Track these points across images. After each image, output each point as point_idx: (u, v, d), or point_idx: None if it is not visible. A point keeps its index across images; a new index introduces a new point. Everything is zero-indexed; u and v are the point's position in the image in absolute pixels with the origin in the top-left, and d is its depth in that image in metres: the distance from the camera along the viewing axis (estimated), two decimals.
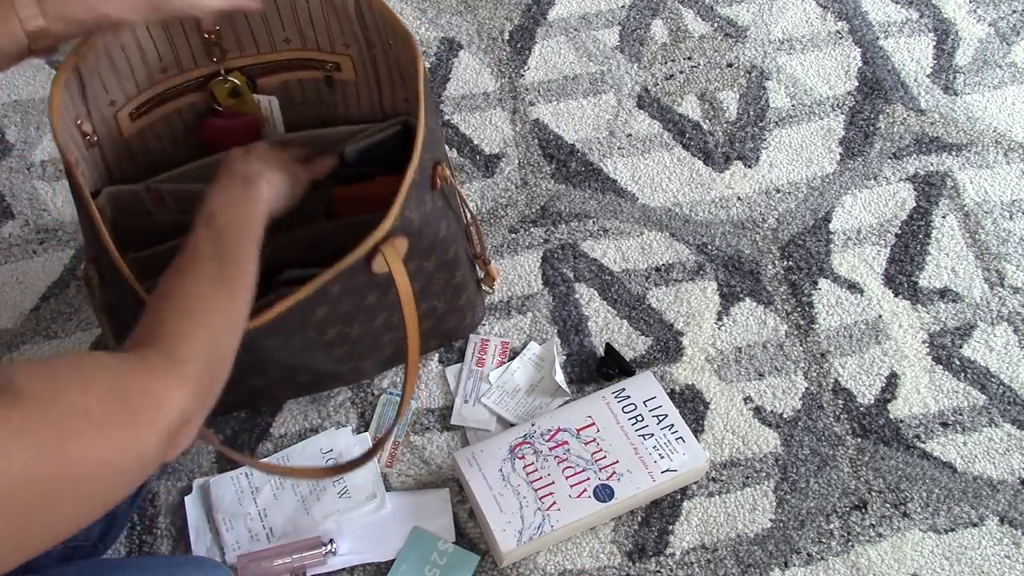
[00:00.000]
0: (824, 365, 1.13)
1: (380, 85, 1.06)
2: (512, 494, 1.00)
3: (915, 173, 1.28)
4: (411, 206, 0.87)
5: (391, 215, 0.84)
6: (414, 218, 0.88)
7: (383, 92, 1.07)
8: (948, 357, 1.13)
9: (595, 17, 1.44)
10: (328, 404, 1.10)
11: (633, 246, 1.22)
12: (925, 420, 1.09)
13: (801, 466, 1.06)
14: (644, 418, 1.05)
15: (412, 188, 0.86)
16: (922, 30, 1.43)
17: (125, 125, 1.00)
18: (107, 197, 0.98)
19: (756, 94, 1.36)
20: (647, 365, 1.13)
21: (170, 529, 1.02)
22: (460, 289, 1.03)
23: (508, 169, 1.29)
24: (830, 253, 1.21)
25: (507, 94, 1.36)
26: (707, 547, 1.01)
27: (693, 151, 1.30)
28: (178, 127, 1.05)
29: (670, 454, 1.02)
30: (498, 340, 1.12)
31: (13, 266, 1.20)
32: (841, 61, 1.39)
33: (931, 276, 1.20)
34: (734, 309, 1.17)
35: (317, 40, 1.02)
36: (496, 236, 1.23)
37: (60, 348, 1.13)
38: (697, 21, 1.44)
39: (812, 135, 1.32)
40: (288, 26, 1.00)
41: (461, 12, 1.45)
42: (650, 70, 1.39)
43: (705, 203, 1.26)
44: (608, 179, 1.28)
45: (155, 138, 1.04)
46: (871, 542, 1.02)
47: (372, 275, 0.87)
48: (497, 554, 0.98)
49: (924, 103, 1.35)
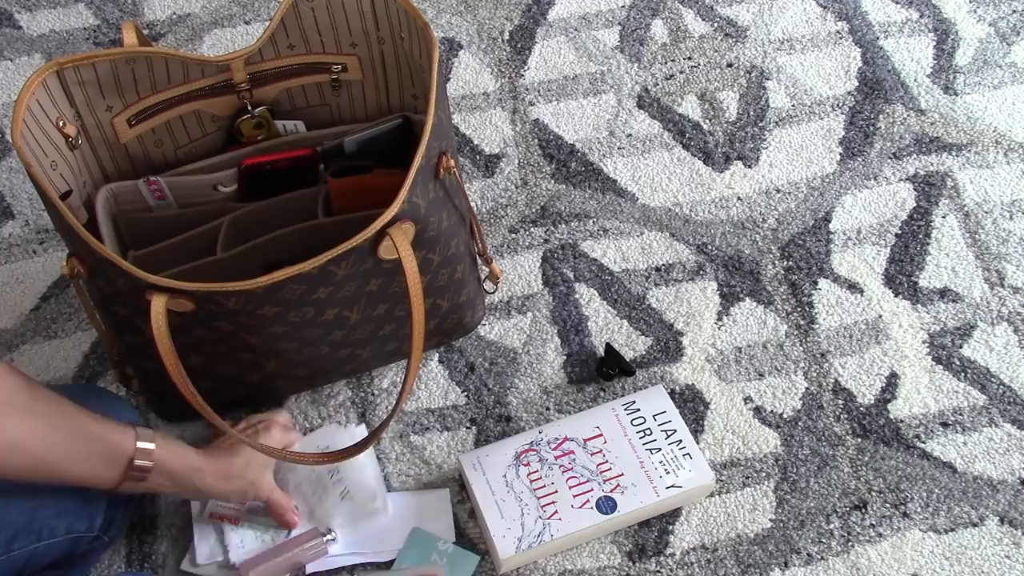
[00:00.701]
0: (824, 365, 1.13)
1: (387, 83, 1.06)
2: (514, 500, 0.99)
3: (915, 173, 1.28)
4: (417, 192, 0.87)
5: (399, 198, 0.84)
6: (421, 204, 0.88)
7: (390, 90, 1.07)
8: (948, 357, 1.13)
9: (595, 17, 1.44)
10: (328, 404, 1.10)
11: (633, 246, 1.22)
12: (925, 420, 1.09)
13: (801, 466, 1.06)
14: (652, 432, 1.04)
15: (419, 174, 0.86)
16: (922, 30, 1.43)
17: (122, 130, 1.00)
18: (106, 194, 0.98)
19: (756, 94, 1.36)
20: (647, 365, 1.13)
21: (170, 529, 1.01)
22: (461, 286, 1.03)
23: (508, 169, 1.29)
24: (830, 253, 1.22)
25: (507, 94, 1.36)
26: (707, 547, 1.01)
27: (693, 151, 1.30)
28: (181, 137, 1.05)
29: (676, 470, 1.02)
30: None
31: (13, 266, 1.20)
32: (841, 61, 1.39)
33: (931, 276, 1.20)
34: (734, 309, 1.17)
35: (323, 43, 1.02)
36: (496, 236, 1.23)
37: (60, 348, 1.13)
38: (697, 21, 1.44)
39: (812, 135, 1.32)
40: (292, 33, 1.00)
41: (461, 12, 1.45)
42: (650, 70, 1.39)
43: (705, 203, 1.26)
44: (608, 179, 1.28)
45: (155, 143, 1.03)
46: (871, 542, 1.02)
47: (378, 260, 0.87)
48: (496, 560, 0.98)
49: (924, 103, 1.35)
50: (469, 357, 1.13)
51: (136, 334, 0.92)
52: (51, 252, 1.21)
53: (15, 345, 1.14)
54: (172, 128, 1.03)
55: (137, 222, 1.01)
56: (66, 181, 0.94)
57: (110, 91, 0.96)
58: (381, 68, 1.05)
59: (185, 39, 1.41)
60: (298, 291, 0.85)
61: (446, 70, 1.39)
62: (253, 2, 1.46)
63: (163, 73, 0.97)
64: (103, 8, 1.45)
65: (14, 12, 1.44)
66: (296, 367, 1.01)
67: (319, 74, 1.05)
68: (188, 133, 1.05)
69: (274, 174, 1.02)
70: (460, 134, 1.32)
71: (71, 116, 0.94)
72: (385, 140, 1.03)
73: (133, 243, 1.01)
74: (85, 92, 0.94)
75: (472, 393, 1.11)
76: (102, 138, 0.99)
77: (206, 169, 1.03)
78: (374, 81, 1.06)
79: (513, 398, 1.11)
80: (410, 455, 1.07)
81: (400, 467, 1.06)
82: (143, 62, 0.95)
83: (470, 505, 1.03)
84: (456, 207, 0.97)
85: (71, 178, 0.95)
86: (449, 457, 1.07)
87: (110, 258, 0.81)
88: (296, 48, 1.01)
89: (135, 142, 1.02)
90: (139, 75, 0.96)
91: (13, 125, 0.84)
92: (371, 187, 0.99)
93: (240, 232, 0.99)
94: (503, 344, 1.14)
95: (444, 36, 1.42)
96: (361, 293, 0.92)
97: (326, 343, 0.98)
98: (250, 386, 1.03)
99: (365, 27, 1.00)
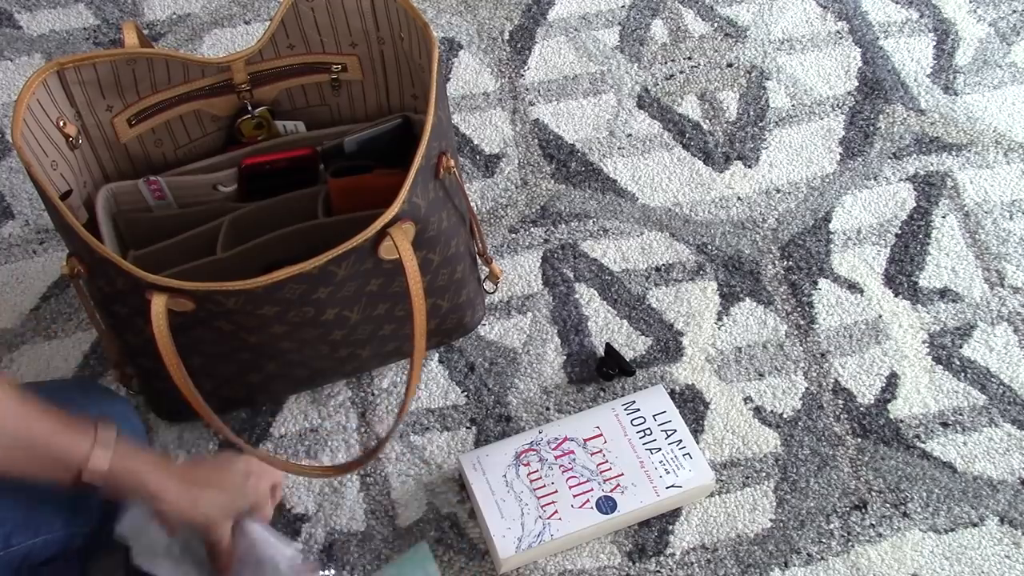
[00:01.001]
0: (824, 365, 1.13)
1: (387, 83, 1.06)
2: (514, 500, 0.99)
3: (915, 173, 1.28)
4: (417, 192, 0.87)
5: (399, 198, 0.84)
6: (421, 205, 0.88)
7: (390, 90, 1.07)
8: (948, 357, 1.13)
9: (595, 17, 1.44)
10: (328, 404, 1.10)
11: (633, 246, 1.22)
12: (925, 420, 1.09)
13: (801, 466, 1.06)
14: (652, 432, 1.04)
15: (419, 174, 0.86)
16: (922, 30, 1.43)
17: (123, 130, 1.00)
18: (106, 194, 0.98)
19: (756, 94, 1.36)
20: (647, 365, 1.13)
21: None
22: (461, 286, 1.03)
23: (508, 169, 1.29)
24: (830, 253, 1.22)
25: (507, 94, 1.36)
26: (707, 547, 1.01)
27: (693, 151, 1.30)
28: (181, 136, 1.05)
29: (676, 470, 1.02)
30: None
31: (13, 266, 1.20)
32: (841, 61, 1.39)
33: (931, 276, 1.20)
34: (734, 309, 1.17)
35: (323, 43, 1.02)
36: (496, 236, 1.23)
37: (60, 348, 1.13)
38: (697, 21, 1.44)
39: (812, 135, 1.32)
40: (292, 33, 1.00)
41: (461, 12, 1.45)
42: (650, 70, 1.39)
43: (705, 203, 1.26)
44: (608, 179, 1.28)
45: (155, 143, 1.04)
46: (871, 542, 1.02)
47: (378, 260, 0.87)
48: (496, 560, 0.98)
49: (924, 103, 1.35)
50: (469, 357, 1.13)
51: (136, 333, 0.92)
52: (51, 252, 1.21)
53: (15, 345, 1.14)
54: (172, 128, 1.03)
55: (137, 222, 1.01)
56: (66, 181, 0.94)
57: (110, 91, 0.96)
58: (381, 68, 1.05)
59: (185, 39, 1.41)
60: (298, 291, 0.85)
61: (446, 70, 1.39)
62: (253, 2, 1.46)
63: (163, 73, 0.97)
64: (103, 8, 1.45)
65: (14, 12, 1.44)
66: (296, 367, 1.01)
67: (319, 74, 1.05)
68: (188, 133, 1.05)
69: (274, 174, 1.02)
70: (460, 134, 1.32)
71: (71, 116, 0.94)
72: (385, 140, 1.03)
73: (133, 243, 1.01)
74: (85, 92, 0.94)
75: (472, 393, 1.11)
76: (102, 138, 0.99)
77: (206, 169, 1.03)
78: (374, 81, 1.06)
79: (513, 398, 1.11)
80: (410, 455, 1.07)
81: (400, 467, 1.06)
82: (143, 62, 0.95)
83: (470, 505, 1.03)
84: (456, 207, 0.97)
85: (71, 178, 0.95)
86: (449, 457, 1.07)
87: (110, 258, 0.81)
88: (296, 48, 1.01)
89: (135, 142, 1.02)
90: (139, 75, 0.96)
91: (13, 125, 0.84)
92: (371, 187, 0.99)
93: (240, 232, 0.99)
94: (503, 344, 1.14)
95: (444, 36, 1.42)
96: (361, 293, 0.92)
97: (326, 343, 0.98)
98: (250, 386, 1.03)
99: (365, 27, 1.00)
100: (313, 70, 1.04)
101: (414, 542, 1.02)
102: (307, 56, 1.03)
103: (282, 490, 1.00)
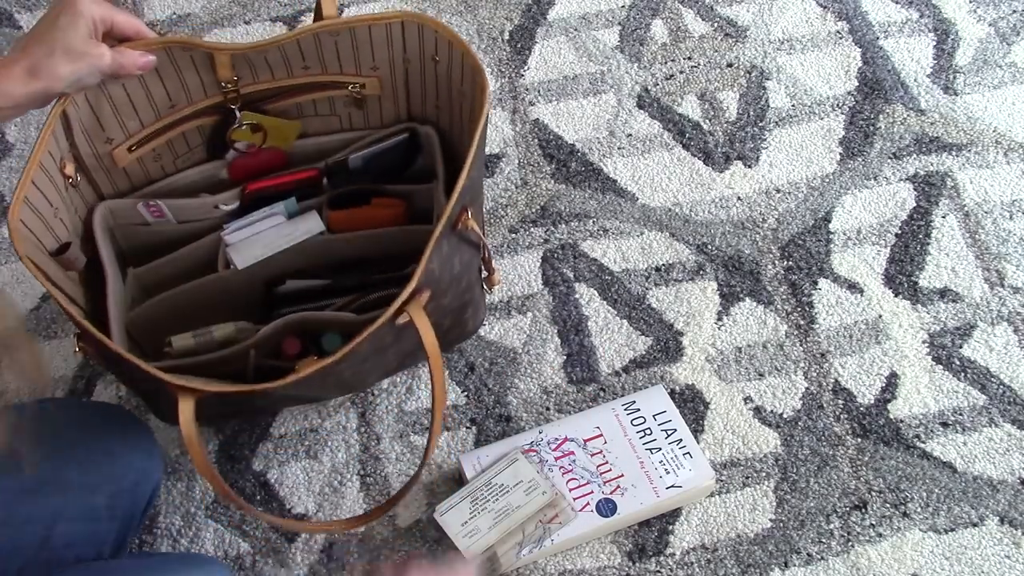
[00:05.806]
0: (824, 365, 1.13)
1: (409, 97, 1.01)
2: None
3: (915, 173, 1.28)
4: (433, 258, 0.83)
5: (416, 275, 0.80)
6: (435, 268, 0.84)
7: (412, 102, 1.02)
8: (948, 357, 1.13)
9: (595, 17, 1.44)
10: (328, 404, 1.10)
11: (633, 246, 1.22)
12: (925, 420, 1.09)
13: (801, 466, 1.06)
14: (653, 432, 1.04)
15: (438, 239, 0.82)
16: (922, 30, 1.43)
17: (121, 156, 0.94)
18: (103, 211, 0.94)
19: (756, 94, 1.36)
20: (647, 365, 1.13)
21: (169, 529, 1.02)
22: (467, 304, 1.02)
23: (508, 169, 1.29)
24: (830, 253, 1.22)
25: (507, 94, 1.36)
26: (707, 547, 1.01)
27: (693, 151, 1.30)
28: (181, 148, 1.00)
29: (676, 469, 1.01)
30: None
31: (13, 266, 1.20)
32: (841, 61, 1.39)
33: (931, 276, 1.20)
34: (734, 309, 1.17)
35: (341, 66, 0.96)
36: (496, 236, 1.23)
37: (60, 348, 1.13)
38: (697, 21, 1.44)
39: (812, 135, 1.32)
40: (309, 57, 0.94)
41: (461, 12, 1.45)
42: (650, 70, 1.39)
43: (705, 203, 1.26)
44: (608, 179, 1.28)
45: (154, 160, 0.98)
46: (871, 542, 1.02)
47: (393, 326, 0.84)
48: (496, 560, 0.98)
49: (924, 103, 1.35)
50: (469, 357, 1.13)
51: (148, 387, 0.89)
52: None
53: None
54: (172, 143, 0.98)
55: (136, 233, 0.99)
56: (65, 225, 0.88)
57: (110, 123, 0.90)
58: (403, 84, 0.99)
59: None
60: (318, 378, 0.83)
61: None
62: (253, 2, 1.46)
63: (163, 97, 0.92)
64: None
65: (14, 12, 1.44)
66: (302, 398, 1.02)
67: (335, 90, 0.99)
68: (188, 143, 0.99)
69: (277, 195, 1.02)
70: None
71: (69, 155, 0.88)
72: (390, 156, 1.02)
73: (131, 252, 0.99)
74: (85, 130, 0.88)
75: (472, 393, 1.11)
76: (99, 166, 0.93)
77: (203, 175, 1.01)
78: (393, 97, 1.01)
79: (513, 398, 1.11)
80: (410, 455, 1.07)
81: (400, 467, 1.06)
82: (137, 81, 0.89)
83: None
84: (470, 244, 0.92)
85: (68, 218, 0.89)
86: (449, 457, 1.07)
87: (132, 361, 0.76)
88: (311, 69, 0.95)
89: (134, 163, 0.96)
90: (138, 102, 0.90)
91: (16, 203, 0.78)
92: (369, 217, 0.99)
93: None
94: (503, 344, 1.14)
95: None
96: (376, 350, 0.90)
97: (336, 386, 0.98)
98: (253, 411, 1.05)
99: (392, 55, 0.94)
100: (326, 87, 0.99)
101: (414, 542, 1.02)
102: (322, 76, 0.97)
103: (132, 29, 0.83)
